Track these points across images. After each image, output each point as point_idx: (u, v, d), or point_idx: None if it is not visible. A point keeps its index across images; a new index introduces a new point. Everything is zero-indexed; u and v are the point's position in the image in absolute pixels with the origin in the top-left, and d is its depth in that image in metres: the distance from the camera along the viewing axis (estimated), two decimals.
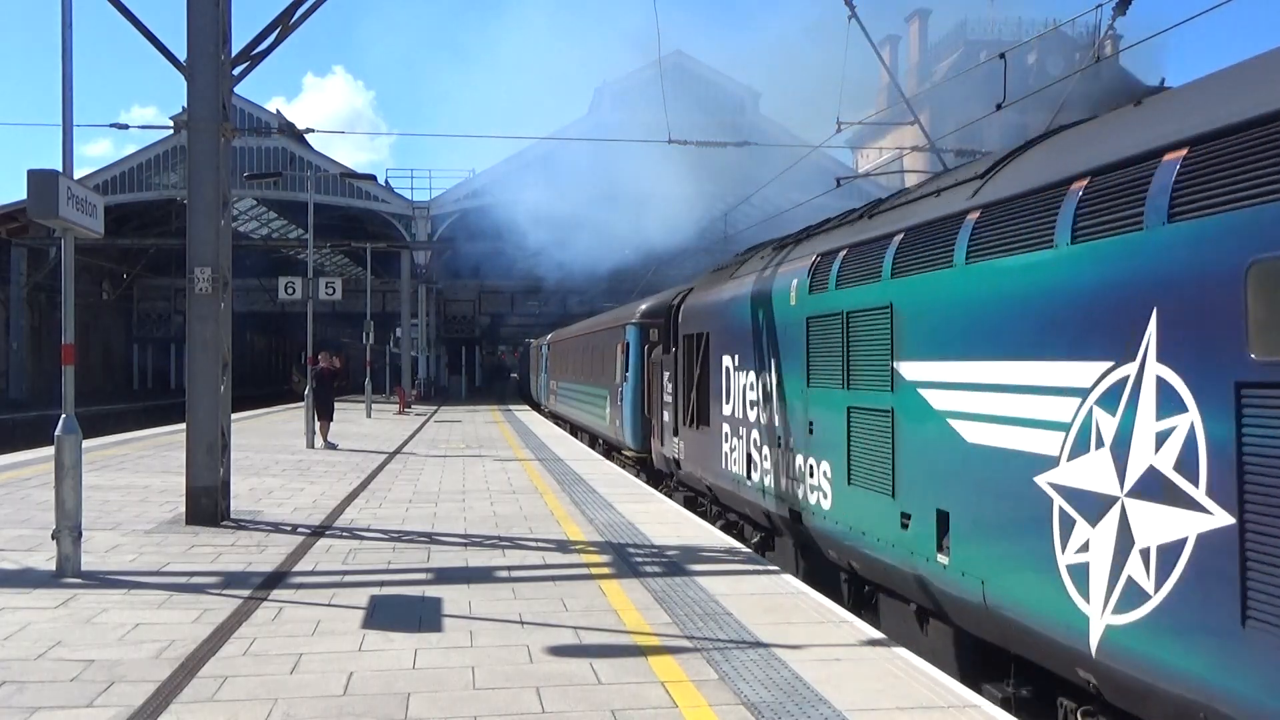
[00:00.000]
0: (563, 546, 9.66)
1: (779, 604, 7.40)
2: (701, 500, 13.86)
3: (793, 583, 8.18)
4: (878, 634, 6.74)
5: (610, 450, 22.05)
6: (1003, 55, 13.73)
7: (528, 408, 42.46)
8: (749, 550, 9.91)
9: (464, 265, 58.85)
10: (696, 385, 12.87)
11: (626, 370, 19.40)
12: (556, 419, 33.91)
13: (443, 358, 57.38)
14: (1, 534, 9.81)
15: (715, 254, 51.37)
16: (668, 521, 11.28)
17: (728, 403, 11.38)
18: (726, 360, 11.44)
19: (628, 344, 19.56)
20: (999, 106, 13.84)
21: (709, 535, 10.51)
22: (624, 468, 18.77)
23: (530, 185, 48.12)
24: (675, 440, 14.38)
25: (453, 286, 59.99)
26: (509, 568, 8.69)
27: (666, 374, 15.30)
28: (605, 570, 8.58)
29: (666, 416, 15.23)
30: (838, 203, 48.63)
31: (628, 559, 9.09)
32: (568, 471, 16.51)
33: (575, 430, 28.53)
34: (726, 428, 11.42)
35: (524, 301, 63.96)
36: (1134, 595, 4.58)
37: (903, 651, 6.28)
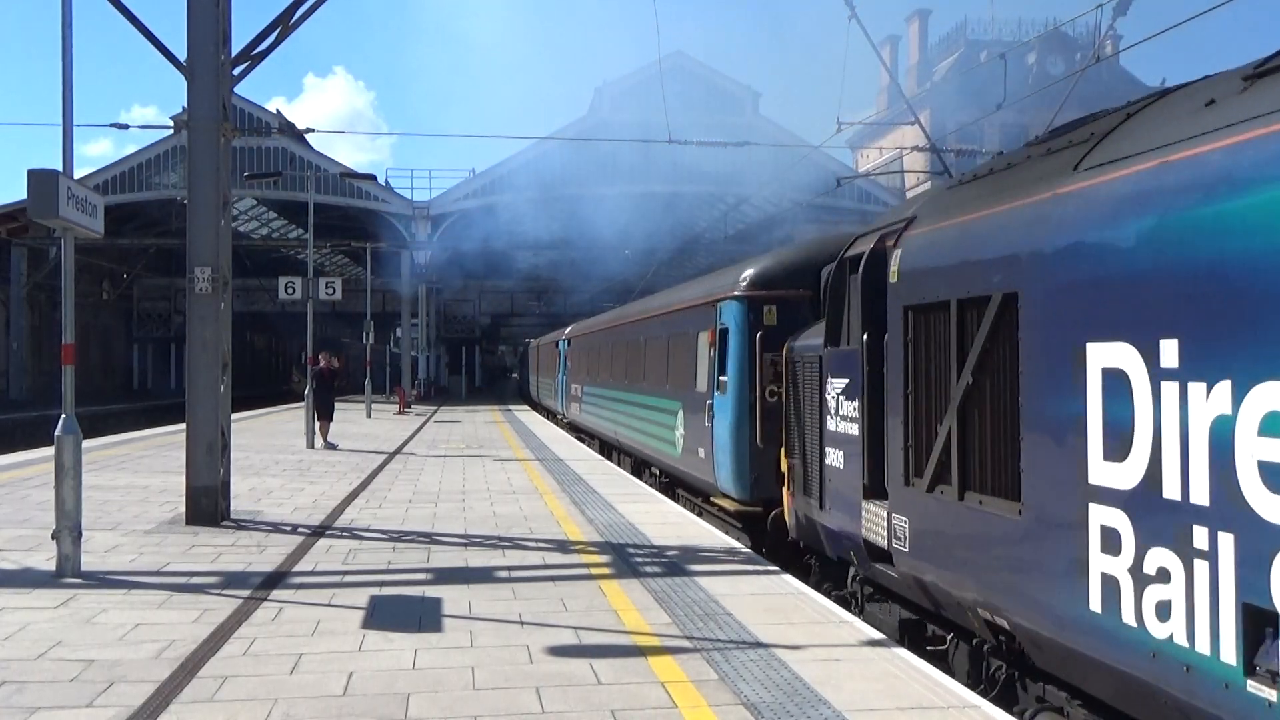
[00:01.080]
0: (563, 547, 9.67)
1: (779, 604, 7.40)
2: (937, 631, 6.98)
3: (793, 583, 8.17)
4: (878, 634, 6.74)
5: (673, 486, 15.41)
6: (1003, 56, 13.77)
7: (527, 408, 42.49)
8: (749, 550, 9.90)
9: (464, 265, 58.93)
10: (960, 407, 6.00)
11: (722, 373, 12.14)
12: (579, 433, 26.70)
13: (443, 358, 57.41)
14: (1, 534, 9.81)
15: (716, 253, 51.49)
16: (668, 522, 11.28)
17: (1168, 461, 4.25)
18: (1124, 355, 4.51)
19: (724, 330, 12.22)
20: (999, 106, 13.88)
21: (709, 536, 10.51)
22: (700, 515, 12.99)
23: (530, 186, 48.18)
24: (872, 509, 7.28)
25: (453, 286, 60.04)
26: (509, 568, 8.69)
27: (838, 383, 8.12)
28: (605, 571, 8.58)
29: (836, 459, 8.12)
30: (839, 203, 48.32)
31: (628, 559, 9.09)
32: (567, 472, 16.51)
33: (608, 449, 21.83)
34: (1148, 526, 4.36)
35: (524, 301, 64.06)
36: None
37: (902, 651, 6.28)
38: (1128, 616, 4.44)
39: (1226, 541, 3.94)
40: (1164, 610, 4.24)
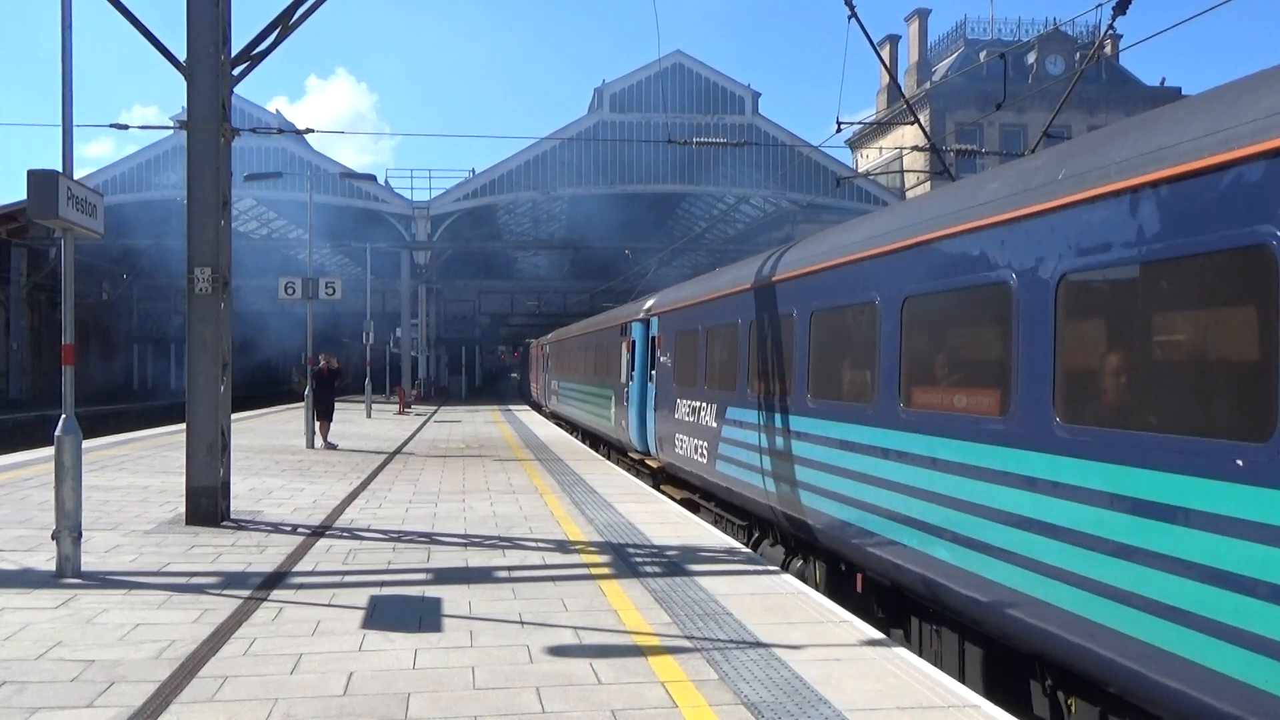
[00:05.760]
0: (563, 546, 9.67)
1: (779, 604, 7.40)
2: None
3: (793, 583, 8.18)
4: (878, 634, 6.74)
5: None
6: (1003, 55, 13.75)
7: (527, 408, 42.50)
8: (749, 550, 9.91)
9: (464, 265, 58.85)
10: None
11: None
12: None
13: (443, 358, 57.39)
14: (1, 534, 9.81)
15: (716, 254, 51.46)
16: (668, 521, 11.28)
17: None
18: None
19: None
20: (998, 106, 13.86)
21: (709, 535, 10.51)
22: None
23: (529, 185, 48.15)
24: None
25: (453, 286, 59.96)
26: (509, 568, 8.69)
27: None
28: (605, 570, 8.58)
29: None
30: (838, 203, 48.31)
31: (627, 559, 9.09)
32: (567, 471, 16.51)
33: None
34: None
35: (524, 301, 64.04)
36: None
37: (902, 651, 6.28)
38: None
39: None
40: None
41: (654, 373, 16.06)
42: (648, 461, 17.10)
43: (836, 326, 8.53)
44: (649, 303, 17.54)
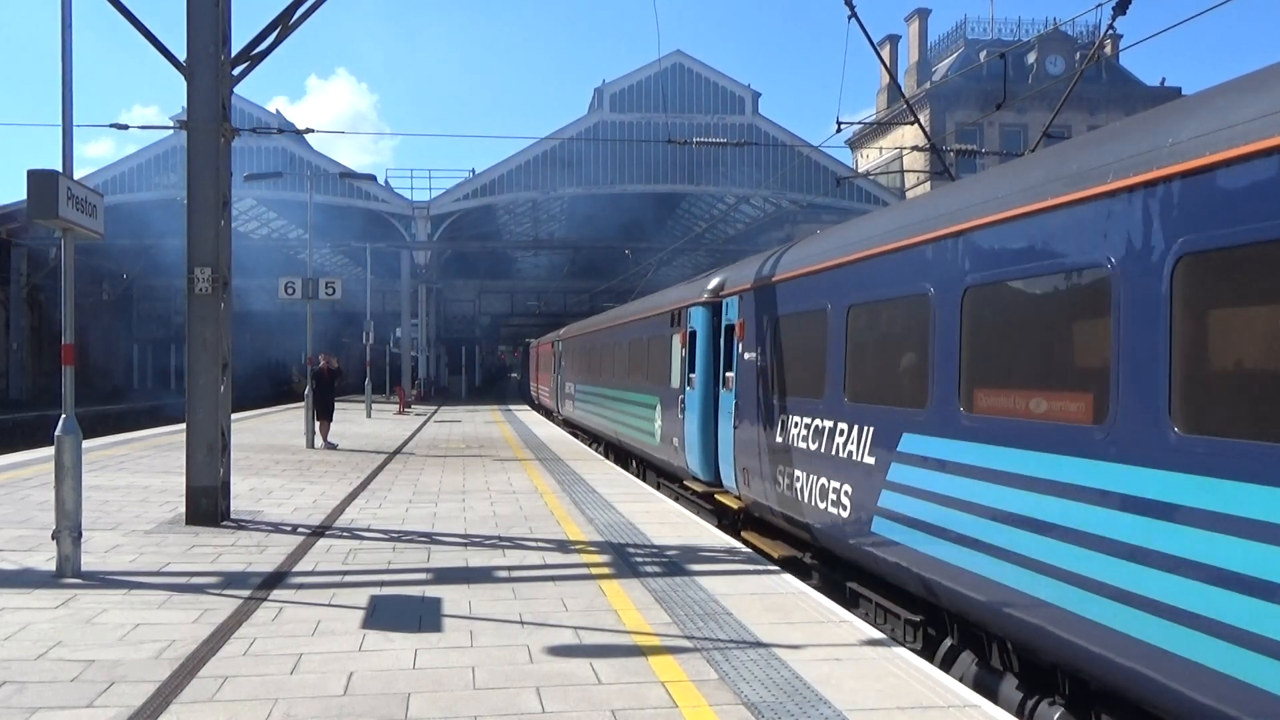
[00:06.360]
0: (563, 546, 9.67)
1: (779, 604, 7.40)
2: None
3: (793, 583, 8.18)
4: (878, 634, 6.74)
5: None
6: (1003, 55, 13.76)
7: (527, 407, 42.51)
8: (749, 550, 9.90)
9: (464, 265, 58.84)
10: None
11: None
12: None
13: (443, 358, 57.39)
14: (1, 534, 9.81)
15: (716, 254, 51.46)
16: (668, 522, 11.28)
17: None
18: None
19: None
20: (998, 106, 13.86)
21: (709, 535, 10.51)
22: None
23: (529, 185, 48.15)
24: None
25: (453, 286, 59.95)
26: (509, 568, 8.69)
27: None
28: (605, 570, 8.58)
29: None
30: (837, 203, 48.27)
31: (628, 559, 9.09)
32: (567, 471, 16.52)
33: None
34: None
35: (524, 301, 64.06)
36: None
37: (903, 651, 6.28)
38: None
39: None
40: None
41: (730, 375, 11.90)
42: (719, 497, 12.49)
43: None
44: (716, 280, 13.14)
